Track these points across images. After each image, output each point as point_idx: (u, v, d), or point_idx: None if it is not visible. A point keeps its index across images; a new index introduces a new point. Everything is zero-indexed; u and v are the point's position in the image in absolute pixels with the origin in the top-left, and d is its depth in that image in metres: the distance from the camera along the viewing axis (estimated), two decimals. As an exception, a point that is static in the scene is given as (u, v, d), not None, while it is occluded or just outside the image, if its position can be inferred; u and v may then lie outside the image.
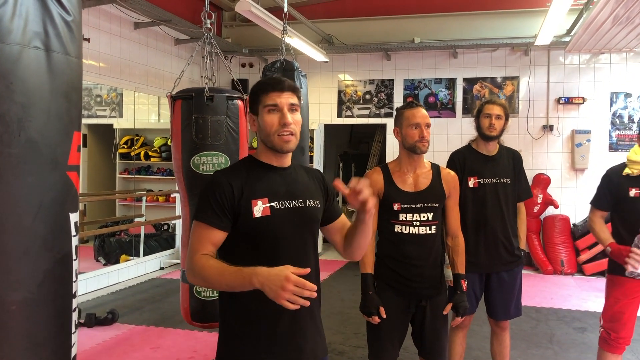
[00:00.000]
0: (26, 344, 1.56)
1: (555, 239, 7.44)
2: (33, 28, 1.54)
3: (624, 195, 2.99)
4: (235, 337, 1.80)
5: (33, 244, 1.56)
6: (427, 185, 2.66)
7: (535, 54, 7.76)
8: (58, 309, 1.65)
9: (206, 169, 2.95)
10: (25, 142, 1.53)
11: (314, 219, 1.91)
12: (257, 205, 1.76)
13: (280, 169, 1.87)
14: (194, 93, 2.97)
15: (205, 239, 1.75)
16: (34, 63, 1.54)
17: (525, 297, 3.63)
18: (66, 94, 1.65)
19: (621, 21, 5.27)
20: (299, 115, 1.84)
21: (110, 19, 6.25)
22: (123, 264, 6.77)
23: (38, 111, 1.56)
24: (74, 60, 1.68)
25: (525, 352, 4.32)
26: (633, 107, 7.53)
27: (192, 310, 3.08)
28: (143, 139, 8.59)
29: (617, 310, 3.03)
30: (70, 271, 1.70)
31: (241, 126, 3.00)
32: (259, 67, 8.56)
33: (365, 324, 2.73)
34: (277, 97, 1.79)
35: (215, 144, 2.93)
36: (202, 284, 1.76)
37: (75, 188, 1.71)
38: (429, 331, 2.67)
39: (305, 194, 1.88)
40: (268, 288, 1.54)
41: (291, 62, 3.71)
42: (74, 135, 1.70)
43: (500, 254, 3.18)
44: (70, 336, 1.71)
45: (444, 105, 8.11)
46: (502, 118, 3.18)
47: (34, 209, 1.56)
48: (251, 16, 5.36)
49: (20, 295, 1.53)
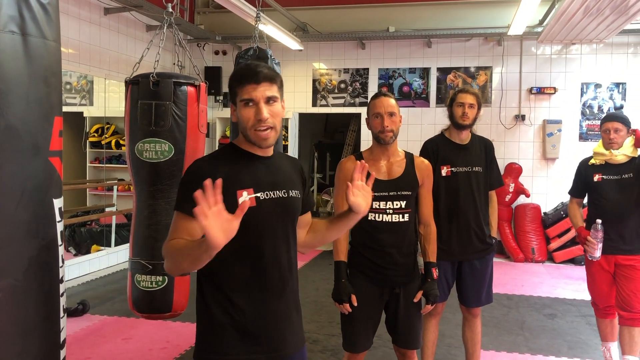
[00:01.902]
0: (15, 330, 1.56)
1: (527, 227, 7.56)
2: (8, 12, 1.51)
3: (590, 181, 3.50)
4: (217, 328, 1.75)
5: (16, 231, 1.56)
6: (401, 173, 2.66)
7: (508, 44, 7.82)
8: (45, 295, 1.65)
9: (149, 156, 2.86)
10: (4, 129, 1.51)
11: (296, 209, 1.87)
12: (242, 195, 1.71)
13: (263, 158, 1.82)
14: (141, 78, 2.88)
15: (181, 228, 1.69)
16: (10, 48, 1.51)
17: (497, 285, 3.69)
18: (45, 78, 1.63)
19: (592, 12, 5.34)
20: (278, 105, 1.76)
21: (80, 4, 6.10)
22: (94, 254, 6.66)
23: (16, 97, 1.53)
24: (52, 44, 1.65)
25: (496, 339, 4.38)
26: (602, 97, 7.66)
27: (133, 300, 3.02)
28: (114, 127, 8.43)
29: (595, 285, 3.55)
30: (56, 257, 1.70)
31: (190, 113, 2.88)
32: (232, 54, 8.47)
33: (339, 312, 2.73)
34: (253, 90, 1.71)
35: (158, 131, 2.82)
36: (171, 266, 1.67)
37: (58, 173, 1.70)
38: (403, 319, 2.68)
39: (288, 184, 1.84)
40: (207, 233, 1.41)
41: (264, 50, 3.67)
42: (54, 120, 1.67)
43: (473, 242, 3.20)
44: (59, 321, 1.71)
45: (417, 94, 8.14)
46: (474, 107, 3.19)
47: (16, 196, 1.55)
48: (224, 2, 5.29)
49: (6, 282, 1.53)
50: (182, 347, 4.12)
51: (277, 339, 1.79)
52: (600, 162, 3.47)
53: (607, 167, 3.44)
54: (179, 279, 2.98)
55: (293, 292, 1.86)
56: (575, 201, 3.67)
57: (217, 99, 8.48)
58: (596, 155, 3.50)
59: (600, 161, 3.47)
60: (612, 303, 3.48)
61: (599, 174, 3.45)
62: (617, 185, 3.40)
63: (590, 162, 3.53)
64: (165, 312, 2.98)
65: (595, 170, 3.48)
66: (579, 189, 3.62)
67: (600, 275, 3.49)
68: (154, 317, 3.04)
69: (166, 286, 2.94)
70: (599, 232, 3.30)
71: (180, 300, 3.03)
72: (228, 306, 1.74)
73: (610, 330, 3.61)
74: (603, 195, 3.43)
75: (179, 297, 3.01)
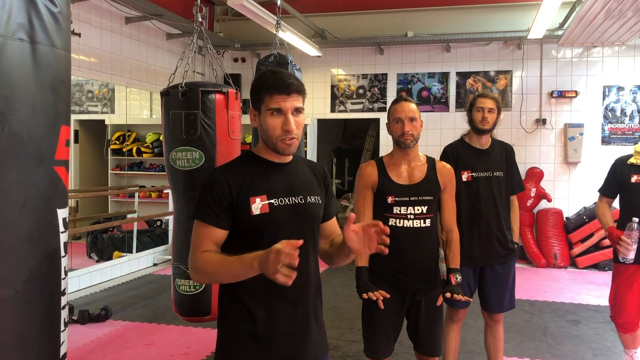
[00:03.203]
0: (12, 342, 1.53)
1: (549, 232, 7.46)
2: (17, 19, 1.50)
3: (626, 181, 3.28)
4: (235, 335, 1.77)
5: (17, 240, 1.53)
6: (422, 178, 2.64)
7: (528, 47, 7.76)
8: (45, 307, 1.62)
9: (182, 165, 2.92)
10: (9, 136, 1.49)
11: (315, 215, 1.86)
12: (255, 202, 1.73)
13: (280, 165, 1.82)
14: (171, 88, 2.94)
15: (206, 237, 1.72)
16: (18, 55, 1.51)
17: (519, 291, 3.64)
18: (53, 87, 1.62)
19: (613, 15, 5.27)
20: (302, 116, 1.78)
21: (102, 13, 6.20)
22: (116, 261, 6.74)
23: (22, 104, 1.52)
24: (61, 53, 1.65)
25: (519, 345, 4.33)
26: (625, 100, 7.56)
27: (176, 303, 3.10)
28: (135, 134, 8.54)
29: (617, 298, 3.33)
30: (59, 268, 1.67)
31: (219, 120, 2.93)
32: (251, 61, 8.52)
33: (359, 318, 2.73)
34: (283, 100, 1.71)
35: (189, 139, 2.88)
36: (206, 280, 1.75)
37: (63, 183, 1.67)
38: (424, 325, 2.66)
39: (306, 189, 1.84)
40: (263, 266, 1.51)
41: (285, 56, 3.69)
42: (61, 129, 1.66)
43: (495, 247, 3.18)
44: (59, 334, 1.68)
45: (437, 99, 8.10)
46: (494, 111, 3.17)
47: (18, 205, 1.52)
48: (244, 10, 5.33)
49: (5, 292, 1.50)
50: (203, 352, 4.14)
51: (294, 348, 1.79)
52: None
53: None
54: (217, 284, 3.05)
55: (312, 299, 1.85)
56: (606, 200, 3.44)
57: (236, 106, 8.53)
58: (638, 155, 3.27)
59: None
60: (635, 320, 3.28)
61: (638, 174, 3.23)
62: None
63: (629, 162, 3.29)
64: (205, 315, 3.05)
65: (634, 170, 3.25)
66: (612, 188, 3.40)
67: (631, 288, 3.24)
68: (195, 320, 3.10)
69: (204, 290, 3.00)
70: (634, 231, 3.08)
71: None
72: (245, 314, 1.76)
73: (632, 340, 3.44)
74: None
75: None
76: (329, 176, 1.99)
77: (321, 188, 1.92)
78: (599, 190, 3.49)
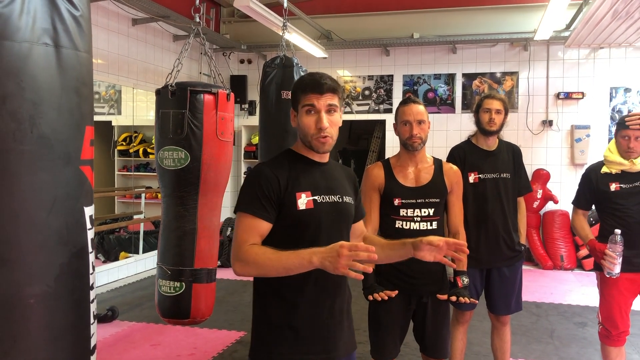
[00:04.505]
0: (47, 336, 1.59)
1: (555, 234, 7.44)
2: (41, 25, 1.54)
3: (605, 190, 3.12)
4: (273, 328, 1.82)
5: (48, 238, 1.58)
6: (429, 180, 2.64)
7: (534, 49, 7.74)
8: (76, 301, 1.68)
9: (168, 164, 2.90)
10: (37, 139, 1.54)
11: (350, 214, 1.95)
12: (301, 197, 1.80)
13: (320, 164, 1.91)
14: (162, 88, 2.95)
15: (253, 229, 1.77)
16: (44, 59, 1.55)
17: (526, 292, 3.63)
18: (76, 89, 1.66)
19: (620, 16, 5.26)
20: (337, 115, 1.85)
21: (108, 15, 6.23)
22: (122, 261, 6.76)
23: (49, 107, 1.57)
24: (83, 55, 1.69)
25: (525, 347, 4.32)
26: (632, 101, 7.52)
27: (157, 304, 3.07)
28: (142, 135, 8.56)
29: (614, 308, 3.09)
30: (87, 264, 1.72)
31: (207, 121, 2.91)
32: (257, 63, 8.54)
33: (366, 320, 2.73)
34: (316, 99, 1.80)
35: (176, 139, 2.87)
36: (254, 273, 1.76)
37: (89, 182, 1.73)
38: (431, 327, 2.66)
39: (342, 189, 1.93)
40: (327, 262, 1.56)
41: (291, 58, 3.69)
42: (86, 129, 1.71)
43: (501, 249, 3.17)
44: (89, 327, 1.74)
45: (443, 100, 8.09)
46: (501, 113, 3.17)
47: (48, 204, 1.58)
48: (250, 12, 5.34)
49: (38, 288, 1.56)
50: (210, 353, 4.15)
51: (330, 342, 1.85)
52: (616, 171, 3.12)
53: (623, 176, 3.09)
54: (199, 287, 3.00)
55: (345, 296, 1.93)
56: (581, 212, 3.27)
57: (242, 107, 8.55)
58: (611, 164, 3.14)
59: (616, 170, 3.12)
60: (628, 328, 3.12)
61: (616, 182, 3.09)
62: (638, 194, 3.05)
63: (602, 171, 3.16)
64: (183, 318, 3.00)
65: (611, 179, 3.12)
66: (587, 200, 3.24)
67: (623, 297, 3.07)
68: (173, 322, 3.07)
69: (183, 293, 2.96)
70: (618, 244, 2.89)
71: (200, 308, 3.02)
72: (283, 307, 1.81)
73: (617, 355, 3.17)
74: (625, 205, 3.06)
75: (199, 305, 3.01)
76: (357, 180, 2.08)
77: (352, 190, 2.00)
78: (573, 203, 3.34)
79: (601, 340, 3.21)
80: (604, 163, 3.20)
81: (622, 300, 3.08)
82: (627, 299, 3.09)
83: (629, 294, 3.08)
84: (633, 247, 2.95)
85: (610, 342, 3.15)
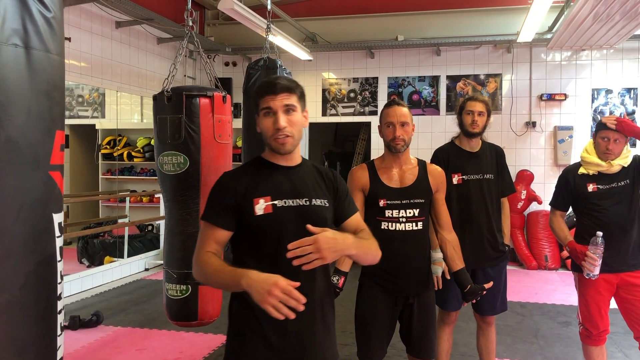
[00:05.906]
0: (10, 347, 1.53)
1: (539, 234, 7.51)
2: (11, 25, 1.50)
3: (583, 191, 3.13)
4: (239, 336, 1.81)
5: (14, 246, 1.53)
6: (413, 181, 2.65)
7: (517, 51, 7.81)
8: (42, 312, 1.62)
9: (168, 169, 2.93)
10: (4, 142, 1.49)
11: (320, 217, 1.85)
12: (258, 203, 1.78)
13: (286, 168, 1.88)
14: (159, 94, 2.96)
15: (210, 237, 1.79)
16: (13, 61, 1.51)
17: (510, 293, 3.65)
18: (47, 92, 1.62)
19: (601, 18, 5.32)
20: (297, 115, 1.82)
21: (92, 17, 6.18)
22: (107, 266, 6.70)
23: (17, 110, 1.52)
24: (55, 58, 1.65)
25: (510, 347, 4.35)
26: (614, 103, 7.62)
27: (166, 307, 3.10)
28: (126, 139, 8.51)
29: (593, 309, 3.12)
30: (55, 273, 1.67)
31: (204, 124, 2.92)
32: (242, 65, 8.53)
33: (352, 322, 2.73)
34: (271, 100, 1.79)
35: (174, 144, 2.90)
36: (202, 281, 1.80)
37: (58, 188, 1.68)
38: (417, 328, 2.66)
39: (311, 192, 1.87)
40: (255, 291, 1.56)
41: (274, 60, 3.70)
42: (56, 134, 1.67)
43: (486, 249, 3.19)
44: (56, 339, 1.68)
45: (427, 102, 8.14)
46: (484, 115, 3.19)
47: (14, 210, 1.52)
48: (234, 14, 5.33)
49: (3, 298, 1.50)
50: (195, 357, 4.13)
51: (299, 350, 1.81)
52: (593, 172, 3.12)
53: (600, 177, 3.10)
54: (205, 289, 3.02)
55: (318, 301, 1.85)
56: (559, 214, 3.29)
57: (227, 110, 8.53)
58: (588, 166, 3.13)
59: (593, 171, 3.11)
60: (608, 327, 3.14)
61: (593, 183, 3.10)
62: (615, 195, 3.06)
63: (580, 172, 3.16)
64: (191, 320, 3.04)
65: (589, 179, 3.12)
66: (565, 200, 3.25)
67: (601, 297, 3.09)
68: (182, 324, 3.10)
69: (190, 295, 2.99)
70: (599, 246, 2.90)
71: (208, 310, 3.05)
72: (249, 315, 1.78)
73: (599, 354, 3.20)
74: (602, 206, 3.07)
75: (206, 307, 3.04)
76: (339, 179, 2.01)
77: (329, 192, 1.94)
78: (551, 204, 3.34)
79: (582, 341, 3.24)
80: (581, 164, 3.20)
81: (601, 300, 3.09)
82: (606, 299, 3.11)
83: (606, 293, 3.10)
84: (609, 247, 2.95)
85: (592, 342, 3.17)
